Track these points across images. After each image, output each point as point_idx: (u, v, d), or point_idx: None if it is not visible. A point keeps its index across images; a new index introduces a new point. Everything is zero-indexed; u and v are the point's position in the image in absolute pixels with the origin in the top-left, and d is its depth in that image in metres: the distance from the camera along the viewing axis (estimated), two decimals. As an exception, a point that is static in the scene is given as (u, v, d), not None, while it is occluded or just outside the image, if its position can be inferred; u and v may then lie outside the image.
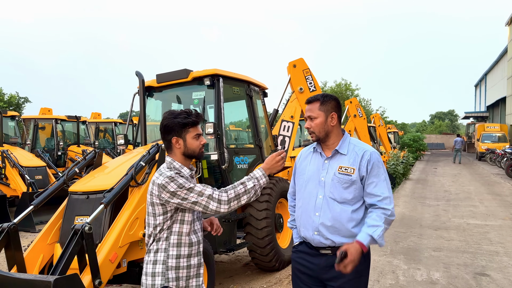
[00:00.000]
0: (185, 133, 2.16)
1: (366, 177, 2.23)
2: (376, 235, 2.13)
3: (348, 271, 2.09)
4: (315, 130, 2.32)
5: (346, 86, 40.76)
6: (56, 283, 2.33)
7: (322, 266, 2.28)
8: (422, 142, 27.34)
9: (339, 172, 2.25)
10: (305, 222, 2.32)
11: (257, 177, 2.07)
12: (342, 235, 2.22)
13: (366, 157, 2.25)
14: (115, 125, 16.52)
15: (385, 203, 2.20)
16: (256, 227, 5.22)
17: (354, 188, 2.23)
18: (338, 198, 2.23)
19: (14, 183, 9.72)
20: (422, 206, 9.67)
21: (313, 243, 2.30)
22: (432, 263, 5.21)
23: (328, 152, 2.35)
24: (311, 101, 2.36)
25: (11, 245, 3.65)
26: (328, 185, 2.26)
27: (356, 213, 2.23)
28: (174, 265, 2.11)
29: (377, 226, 2.16)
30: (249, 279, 5.41)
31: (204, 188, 2.06)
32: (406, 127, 59.07)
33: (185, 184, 2.05)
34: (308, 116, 2.34)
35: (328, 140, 2.34)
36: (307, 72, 7.79)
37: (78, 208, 3.99)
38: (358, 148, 2.30)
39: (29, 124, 13.24)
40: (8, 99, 26.36)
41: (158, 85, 5.54)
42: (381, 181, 2.23)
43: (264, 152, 5.95)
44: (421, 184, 14.28)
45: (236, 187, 2.05)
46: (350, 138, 2.39)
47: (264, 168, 2.11)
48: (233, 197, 2.04)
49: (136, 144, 6.04)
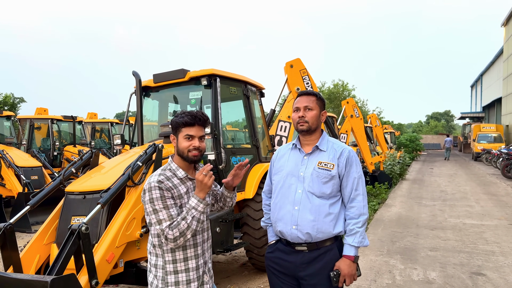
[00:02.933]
0: (178, 132, 2.16)
1: (344, 174, 2.32)
2: (357, 243, 2.27)
3: (348, 284, 2.25)
4: (310, 120, 2.36)
5: (343, 87, 40.83)
6: (53, 283, 2.31)
7: (298, 263, 2.31)
8: (419, 142, 27.46)
9: (319, 167, 2.32)
10: (283, 216, 2.35)
11: (193, 207, 2.02)
12: (319, 229, 2.26)
13: (345, 154, 2.34)
14: (111, 125, 16.45)
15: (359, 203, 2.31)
16: (253, 227, 5.21)
17: (333, 183, 2.30)
18: (317, 192, 2.29)
19: (10, 184, 9.66)
20: (418, 206, 9.70)
21: (290, 238, 2.32)
22: (428, 263, 5.23)
23: (307, 149, 2.41)
24: (309, 93, 2.42)
25: (7, 245, 3.63)
26: (307, 180, 2.31)
27: (333, 207, 2.31)
28: (171, 270, 2.10)
29: (355, 233, 2.28)
30: (246, 279, 5.41)
31: (165, 219, 2.00)
32: (402, 128, 59.25)
33: (155, 201, 2.02)
34: (305, 106, 2.36)
35: (313, 135, 2.40)
36: (304, 72, 7.79)
37: (75, 208, 3.97)
38: (337, 146, 2.40)
39: (24, 124, 13.17)
40: (3, 99, 26.22)
41: (155, 85, 5.52)
42: (356, 180, 2.33)
43: (261, 152, 5.95)
44: (417, 184, 14.32)
45: (179, 225, 1.99)
46: (328, 137, 2.48)
47: (196, 193, 2.05)
48: (178, 235, 1.99)
49: (132, 144, 6.02)
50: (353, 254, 2.27)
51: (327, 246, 2.30)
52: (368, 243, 2.32)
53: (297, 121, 2.38)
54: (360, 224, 2.29)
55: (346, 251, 2.29)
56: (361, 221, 2.30)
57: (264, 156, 6.07)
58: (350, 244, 2.28)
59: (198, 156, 2.14)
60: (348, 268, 2.25)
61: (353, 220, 2.31)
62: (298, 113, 2.38)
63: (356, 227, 2.28)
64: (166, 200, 2.04)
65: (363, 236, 2.29)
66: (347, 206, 2.35)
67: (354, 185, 2.33)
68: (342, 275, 2.24)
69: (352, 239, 2.28)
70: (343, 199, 2.37)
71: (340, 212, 2.33)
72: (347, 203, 2.35)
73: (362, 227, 2.29)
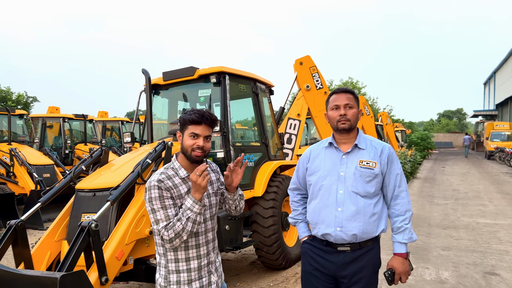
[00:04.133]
0: (185, 129, 2.11)
1: (386, 171, 2.30)
2: (406, 239, 2.27)
3: (404, 281, 2.30)
4: (352, 118, 2.31)
5: (352, 85, 40.53)
6: (62, 279, 2.33)
7: (340, 263, 2.27)
8: (430, 140, 27.11)
9: (361, 166, 2.27)
10: (325, 218, 2.30)
11: (189, 207, 1.97)
12: (365, 230, 2.24)
13: (386, 151, 2.32)
14: (121, 124, 16.57)
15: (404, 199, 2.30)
16: (263, 225, 5.19)
17: (376, 181, 2.26)
18: (362, 191, 2.25)
19: (23, 181, 9.79)
20: (430, 205, 9.57)
21: (334, 240, 2.28)
22: (441, 262, 5.15)
23: (344, 147, 2.35)
24: (347, 91, 2.37)
25: (19, 242, 3.67)
26: (349, 180, 2.26)
27: (376, 207, 2.27)
28: (173, 269, 2.08)
29: (404, 230, 2.28)
30: (255, 277, 5.39)
31: (162, 219, 1.98)
32: (413, 126, 58.64)
33: (154, 201, 2.00)
34: (346, 104, 2.30)
35: (351, 133, 2.35)
36: (314, 70, 7.74)
37: (85, 205, 4.00)
38: (376, 143, 2.36)
39: (37, 123, 13.33)
40: (16, 98, 26.59)
41: (165, 83, 5.53)
42: (398, 176, 2.32)
43: (270, 150, 5.92)
44: (429, 183, 14.15)
45: (175, 226, 1.96)
46: (364, 134, 2.44)
47: (192, 194, 1.99)
48: (173, 236, 1.95)
49: (142, 142, 6.04)
50: (404, 251, 2.27)
51: (369, 245, 2.29)
52: (416, 237, 2.33)
53: (337, 119, 2.30)
54: (408, 221, 2.29)
55: (397, 249, 2.28)
56: (408, 217, 2.29)
57: (273, 154, 6.05)
58: (400, 242, 2.27)
59: (201, 157, 2.08)
60: (402, 265, 2.25)
61: (400, 217, 2.30)
62: (338, 111, 2.31)
63: (403, 224, 2.28)
64: (164, 200, 2.01)
65: (411, 232, 2.29)
66: (391, 204, 2.33)
67: (397, 182, 2.31)
68: (397, 273, 2.25)
69: (401, 236, 2.27)
70: (386, 196, 2.34)
71: (382, 211, 2.31)
72: (390, 201, 2.33)
73: (409, 223, 2.29)
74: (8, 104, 25.19)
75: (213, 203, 2.22)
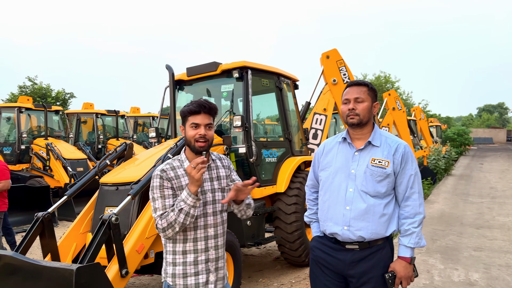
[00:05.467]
0: (186, 122, 2.12)
1: (399, 171, 2.17)
2: (413, 243, 2.15)
3: (405, 287, 2.17)
4: (361, 113, 2.21)
5: (385, 79, 39.47)
6: (78, 271, 2.38)
7: (348, 262, 2.19)
8: (467, 136, 26.01)
9: (372, 165, 2.17)
10: (332, 216, 2.23)
11: (183, 199, 1.95)
12: (373, 230, 2.15)
13: (400, 150, 2.18)
14: (152, 119, 16.93)
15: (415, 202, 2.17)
16: (285, 222, 5.14)
17: (388, 181, 2.15)
18: (371, 191, 2.15)
19: (58, 175, 10.21)
20: (464, 203, 9.18)
21: (341, 239, 2.21)
22: (471, 263, 4.92)
23: (358, 144, 2.26)
24: (359, 84, 2.27)
25: (46, 234, 3.81)
26: (359, 178, 2.17)
27: (387, 207, 2.18)
28: (170, 261, 2.10)
29: (411, 233, 2.16)
30: (278, 273, 5.36)
31: (159, 208, 2.01)
32: (450, 121, 56.54)
33: (155, 189, 2.04)
34: (355, 98, 2.21)
35: (365, 128, 2.25)
36: (341, 63, 7.55)
37: (108, 199, 4.10)
38: (391, 141, 2.24)
39: (72, 118, 13.84)
40: (55, 95, 27.67)
41: (188, 78, 5.56)
42: (412, 177, 2.19)
43: (294, 146, 5.84)
44: (464, 180, 13.59)
45: (168, 216, 1.96)
46: (380, 130, 2.32)
47: (188, 186, 1.96)
48: (166, 226, 1.97)
49: (167, 137, 6.12)
50: (409, 255, 2.16)
51: (379, 244, 2.19)
52: (425, 243, 2.20)
53: (346, 113, 2.23)
54: (416, 224, 2.16)
55: (402, 252, 2.18)
56: (417, 221, 2.17)
57: (297, 150, 5.97)
58: (405, 245, 2.17)
59: (205, 147, 2.07)
60: (404, 270, 2.15)
61: (408, 219, 2.18)
62: (347, 105, 2.23)
63: (411, 227, 2.16)
64: (164, 190, 2.03)
65: (419, 236, 2.16)
66: (401, 205, 2.22)
67: (409, 183, 2.18)
68: (398, 277, 2.15)
69: (407, 239, 2.16)
70: (397, 197, 2.23)
71: (394, 212, 2.21)
72: (401, 202, 2.22)
73: (418, 227, 2.16)
74: (47, 100, 26.30)
75: (217, 199, 2.17)
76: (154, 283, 5.18)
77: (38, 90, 27.19)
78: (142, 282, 5.19)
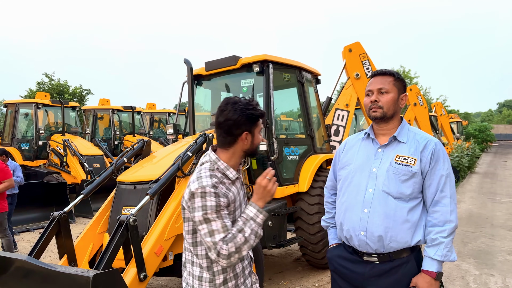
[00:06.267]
0: (255, 127, 1.83)
1: (428, 170, 1.91)
2: (440, 255, 1.85)
3: None
4: (385, 105, 1.97)
5: (404, 74, 38.70)
6: (95, 278, 2.22)
7: (367, 276, 1.95)
8: (489, 132, 25.32)
9: (397, 162, 1.93)
10: (349, 219, 2.00)
11: (252, 217, 1.70)
12: (393, 238, 1.88)
13: (430, 147, 1.93)
14: (169, 115, 16.83)
15: (445, 207, 1.89)
16: (308, 222, 4.93)
17: (414, 182, 1.90)
18: (394, 192, 1.90)
19: (75, 171, 10.19)
20: (492, 203, 8.80)
21: (358, 246, 1.97)
22: (508, 269, 4.62)
23: (382, 139, 2.03)
24: (384, 73, 2.03)
25: (62, 234, 3.68)
26: (381, 177, 1.93)
27: (412, 213, 1.90)
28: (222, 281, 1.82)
29: (438, 244, 1.86)
30: (300, 275, 5.15)
31: (219, 230, 1.67)
32: (469, 117, 55.20)
33: (209, 209, 1.68)
34: (379, 89, 1.99)
35: (390, 123, 2.01)
36: (364, 57, 7.28)
37: (126, 198, 3.94)
38: (420, 137, 1.99)
39: (89, 114, 13.84)
40: (72, 91, 27.92)
41: (207, 73, 5.38)
42: (443, 178, 1.91)
43: (316, 143, 5.61)
44: (489, 178, 13.12)
45: (236, 238, 1.67)
46: (409, 126, 2.07)
47: (255, 201, 1.72)
48: (233, 251, 1.66)
49: (185, 133, 5.96)
50: (434, 269, 1.86)
51: (403, 258, 1.91)
52: (455, 257, 1.89)
53: (369, 106, 2.01)
54: (446, 234, 1.86)
55: (427, 265, 1.88)
56: (447, 230, 1.86)
57: (319, 147, 5.73)
58: (431, 257, 1.87)
59: None
60: (428, 286, 1.85)
61: (436, 227, 1.88)
62: (370, 97, 2.02)
63: (440, 236, 1.86)
64: (221, 209, 1.71)
65: (448, 248, 1.86)
66: (429, 210, 1.93)
67: (440, 185, 1.90)
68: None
69: (434, 251, 1.86)
70: (425, 201, 1.95)
71: (420, 219, 1.93)
72: (429, 207, 1.93)
73: (448, 237, 1.86)
74: (65, 97, 26.54)
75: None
76: (172, 284, 5.03)
77: (56, 86, 27.48)
78: (160, 283, 5.05)
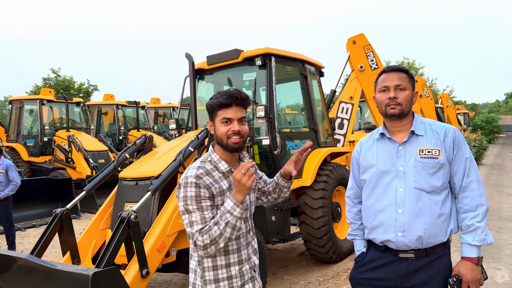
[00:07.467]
0: (214, 117, 1.83)
1: (452, 158, 1.93)
2: (478, 240, 1.87)
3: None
4: (403, 102, 1.95)
5: (409, 65, 38.32)
6: (94, 277, 2.20)
7: (402, 273, 1.93)
8: (497, 123, 25.10)
9: (421, 156, 1.92)
10: (383, 222, 1.96)
11: (229, 210, 1.68)
12: (432, 233, 1.89)
13: (450, 135, 1.95)
14: (173, 110, 16.82)
15: (474, 191, 1.90)
16: (312, 217, 4.89)
17: (443, 172, 1.91)
18: (427, 186, 1.90)
19: (80, 167, 10.23)
20: (499, 195, 8.71)
21: (395, 247, 1.94)
22: (515, 263, 4.57)
23: (399, 137, 1.99)
24: (399, 69, 2.00)
25: (64, 231, 3.68)
26: (410, 174, 1.92)
27: (444, 206, 1.92)
28: (211, 278, 1.82)
29: (475, 229, 1.87)
30: (304, 270, 5.12)
31: (197, 221, 1.69)
32: (476, 108, 54.77)
33: (189, 200, 1.71)
34: (396, 85, 1.95)
35: (405, 119, 1.99)
36: (368, 49, 7.17)
37: (128, 194, 3.93)
38: (437, 127, 1.99)
39: (93, 110, 13.86)
40: (78, 87, 27.99)
41: (209, 67, 5.33)
42: (468, 163, 1.94)
43: (320, 136, 5.55)
44: (496, 170, 12.99)
45: (211, 230, 1.67)
46: (422, 118, 2.05)
47: (234, 194, 1.69)
48: (208, 243, 1.67)
49: (188, 128, 5.92)
50: (475, 255, 1.87)
51: (438, 252, 1.92)
52: (492, 240, 1.91)
53: (386, 103, 1.97)
54: (480, 218, 1.87)
55: (466, 252, 1.89)
56: (480, 214, 1.88)
57: (323, 141, 5.68)
58: (470, 244, 1.88)
59: (240, 143, 1.80)
60: (472, 272, 1.86)
61: (469, 213, 1.90)
62: (387, 93, 1.97)
63: (474, 221, 1.87)
64: (201, 201, 1.72)
65: (485, 232, 1.87)
66: (459, 197, 1.94)
67: (465, 171, 1.92)
68: (465, 281, 1.87)
69: (471, 237, 1.87)
70: (453, 189, 1.97)
71: (452, 209, 1.95)
72: (458, 193, 1.95)
73: (483, 221, 1.87)
74: (70, 92, 26.62)
75: (252, 201, 1.95)
76: (176, 279, 5.03)
77: (62, 82, 27.58)
78: (164, 278, 5.05)
